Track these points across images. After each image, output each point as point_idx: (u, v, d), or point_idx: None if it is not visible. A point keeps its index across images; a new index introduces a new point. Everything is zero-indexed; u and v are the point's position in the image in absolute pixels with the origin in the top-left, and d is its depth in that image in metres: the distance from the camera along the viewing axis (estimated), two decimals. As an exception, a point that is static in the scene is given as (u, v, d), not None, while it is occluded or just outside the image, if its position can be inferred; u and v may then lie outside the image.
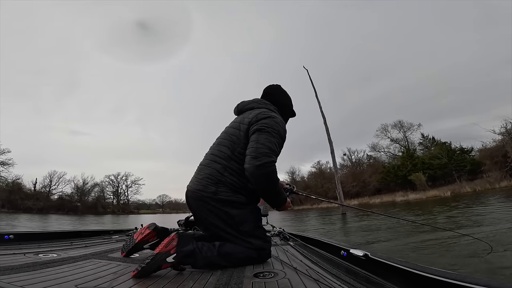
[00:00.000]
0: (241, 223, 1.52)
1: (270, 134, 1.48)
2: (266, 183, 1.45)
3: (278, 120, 1.58)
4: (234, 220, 1.50)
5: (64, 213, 37.35)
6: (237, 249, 1.46)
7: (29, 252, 1.61)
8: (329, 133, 19.76)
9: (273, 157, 1.44)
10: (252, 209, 1.61)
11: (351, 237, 6.81)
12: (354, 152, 43.86)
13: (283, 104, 1.79)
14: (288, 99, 1.85)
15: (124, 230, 3.19)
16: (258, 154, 1.41)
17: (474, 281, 0.73)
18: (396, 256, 1.25)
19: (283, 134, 1.57)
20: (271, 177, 1.44)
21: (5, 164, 35.74)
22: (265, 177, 1.42)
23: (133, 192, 51.90)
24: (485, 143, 27.51)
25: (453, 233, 4.23)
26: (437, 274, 0.85)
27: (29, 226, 13.40)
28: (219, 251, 1.39)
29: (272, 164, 1.43)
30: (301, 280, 1.21)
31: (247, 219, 1.54)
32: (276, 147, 1.49)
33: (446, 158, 30.68)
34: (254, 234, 1.54)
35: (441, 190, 25.89)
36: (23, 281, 1.00)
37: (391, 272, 1.10)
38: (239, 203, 1.53)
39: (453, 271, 0.87)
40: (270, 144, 1.45)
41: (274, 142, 1.47)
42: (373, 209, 11.05)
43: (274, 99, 1.77)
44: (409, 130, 38.28)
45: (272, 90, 1.82)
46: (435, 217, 9.03)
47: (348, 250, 1.45)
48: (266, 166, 1.40)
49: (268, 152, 1.42)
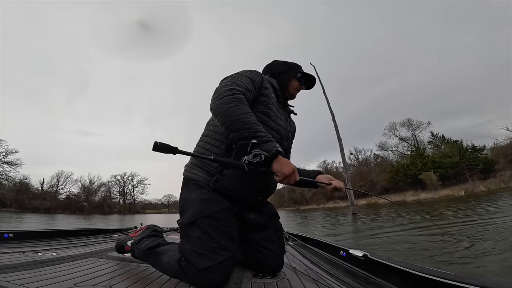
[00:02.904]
0: (182, 211, 1.21)
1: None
2: (225, 109, 1.08)
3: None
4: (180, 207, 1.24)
5: (70, 213, 37.77)
6: (170, 252, 1.15)
7: (28, 250, 1.61)
8: (338, 130, 19.17)
9: (232, 85, 1.16)
10: (202, 192, 1.18)
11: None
12: (360, 151, 43.25)
13: (280, 72, 1.52)
14: (282, 65, 1.55)
15: (124, 229, 3.20)
16: (216, 90, 1.16)
17: (472, 281, 0.72)
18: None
19: (246, 73, 1.30)
20: (231, 104, 1.09)
21: (13, 164, 36.31)
22: (224, 103, 1.09)
23: (139, 192, 52.47)
24: (498, 141, 26.66)
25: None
26: (436, 275, 0.85)
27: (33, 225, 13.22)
28: (150, 247, 1.22)
29: (230, 90, 1.13)
30: (300, 281, 1.21)
31: (188, 207, 1.18)
32: (237, 80, 1.21)
33: (458, 157, 29.82)
34: (185, 231, 1.16)
35: (454, 190, 25.07)
36: (22, 279, 0.99)
37: (390, 272, 1.09)
38: (193, 182, 1.23)
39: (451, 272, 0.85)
40: (228, 79, 1.22)
41: (232, 77, 1.23)
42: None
43: (271, 73, 1.52)
44: (418, 128, 37.53)
45: (266, 68, 1.58)
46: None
47: (348, 250, 1.42)
48: (224, 91, 1.12)
49: (226, 82, 1.19)
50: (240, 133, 1.04)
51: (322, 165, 45.24)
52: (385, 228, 7.46)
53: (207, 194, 1.18)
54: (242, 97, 1.13)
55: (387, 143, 39.53)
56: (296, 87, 1.51)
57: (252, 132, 1.04)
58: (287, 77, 1.48)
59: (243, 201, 1.26)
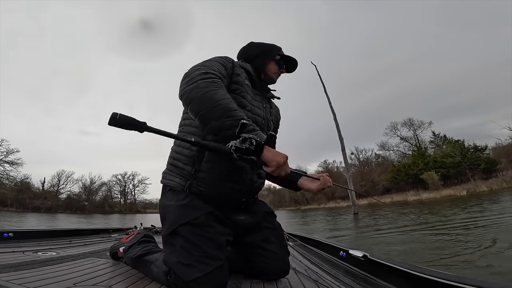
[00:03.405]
0: (162, 220, 1.12)
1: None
2: (201, 94, 0.93)
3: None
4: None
5: (71, 212, 37.78)
6: (159, 262, 1.06)
7: (28, 250, 1.61)
8: (340, 129, 19.08)
9: (206, 68, 1.04)
10: (178, 198, 1.07)
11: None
12: (361, 151, 43.15)
13: (255, 55, 1.35)
14: (257, 48, 1.38)
15: (124, 229, 3.19)
16: (187, 74, 1.03)
17: (472, 282, 0.72)
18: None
19: (217, 58, 1.17)
20: (207, 88, 0.94)
21: (14, 163, 36.34)
22: (199, 88, 0.95)
23: (140, 192, 52.47)
24: (500, 141, 26.52)
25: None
26: (436, 276, 0.84)
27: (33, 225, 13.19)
28: (139, 255, 1.17)
29: (205, 73, 1.00)
30: (300, 281, 1.20)
31: (167, 215, 1.08)
32: (211, 64, 1.08)
33: (460, 157, 29.68)
34: (168, 242, 1.06)
35: (456, 189, 24.96)
36: (22, 279, 0.99)
37: (390, 273, 1.08)
38: (169, 188, 1.12)
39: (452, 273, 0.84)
40: (200, 64, 1.09)
41: (203, 62, 1.11)
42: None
43: (245, 57, 1.38)
44: (419, 128, 37.40)
45: (241, 52, 1.42)
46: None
47: (347, 251, 1.42)
48: (198, 74, 0.99)
49: (199, 66, 1.06)
50: (220, 122, 0.89)
51: (323, 164, 45.23)
52: (386, 227, 7.43)
53: (184, 199, 1.06)
54: (219, 81, 1.00)
55: (388, 143, 39.48)
56: (276, 71, 1.35)
57: (236, 120, 0.88)
58: (263, 60, 1.32)
59: (225, 204, 1.12)
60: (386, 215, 10.50)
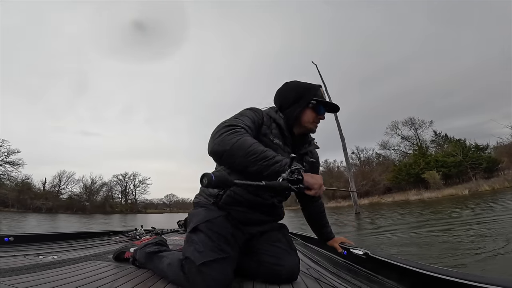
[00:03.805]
0: (188, 224, 1.21)
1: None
2: (230, 146, 0.98)
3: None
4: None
5: (72, 213, 37.88)
6: (173, 256, 1.17)
7: (29, 254, 1.61)
8: (341, 128, 18.99)
9: (230, 122, 1.08)
10: (205, 207, 1.23)
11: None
12: (362, 151, 43.07)
13: (291, 102, 1.28)
14: (293, 91, 1.29)
15: (124, 231, 3.21)
16: (213, 131, 1.08)
17: (476, 278, 0.71)
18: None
19: (247, 112, 1.20)
20: (233, 139, 0.99)
21: (14, 164, 36.44)
22: (225, 140, 1.00)
23: (140, 192, 52.64)
24: (501, 140, 26.42)
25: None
26: (438, 272, 0.83)
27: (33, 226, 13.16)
28: (153, 251, 1.25)
29: (228, 126, 1.04)
30: (302, 279, 1.21)
31: (192, 218, 1.19)
32: (237, 119, 1.13)
33: (461, 156, 29.58)
34: (189, 239, 1.12)
35: (458, 189, 24.93)
36: (24, 283, 0.99)
37: (392, 270, 1.08)
38: (198, 204, 1.30)
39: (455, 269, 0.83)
40: (225, 120, 1.13)
41: (230, 118, 1.14)
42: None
43: (279, 105, 1.34)
44: (420, 127, 37.33)
45: (276, 96, 1.37)
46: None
47: (349, 249, 1.42)
48: (221, 128, 1.04)
49: (224, 121, 1.10)
50: (258, 166, 0.97)
51: (323, 164, 45.12)
52: (387, 227, 7.38)
53: (209, 207, 1.21)
54: (243, 131, 1.04)
55: (389, 142, 39.44)
56: (313, 119, 1.25)
57: (271, 159, 0.97)
58: (296, 109, 1.23)
59: (243, 223, 1.24)
60: (386, 215, 10.45)
